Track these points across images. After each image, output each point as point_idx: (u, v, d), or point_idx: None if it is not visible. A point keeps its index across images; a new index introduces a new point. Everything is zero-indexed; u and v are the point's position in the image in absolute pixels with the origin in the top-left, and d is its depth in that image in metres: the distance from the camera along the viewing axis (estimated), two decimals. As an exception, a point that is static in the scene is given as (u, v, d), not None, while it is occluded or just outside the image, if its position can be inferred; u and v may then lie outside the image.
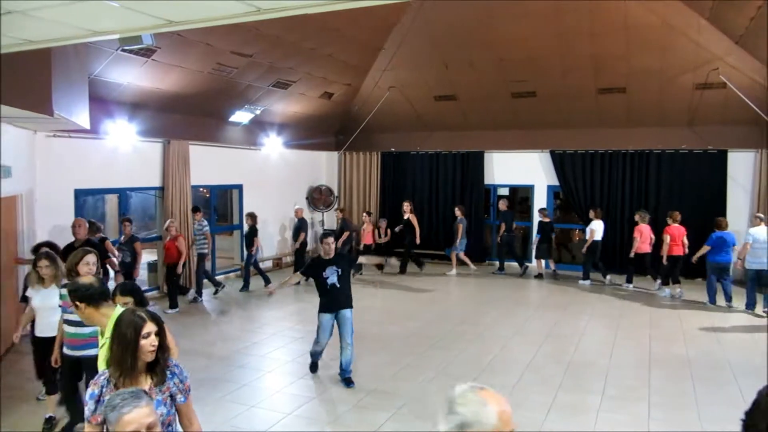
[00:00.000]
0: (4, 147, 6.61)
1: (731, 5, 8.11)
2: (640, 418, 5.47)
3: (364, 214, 13.24)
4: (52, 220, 8.49)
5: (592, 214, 11.85)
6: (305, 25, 9.33)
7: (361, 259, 8.06)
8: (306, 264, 6.76)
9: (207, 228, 10.45)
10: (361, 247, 12.88)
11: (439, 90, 12.61)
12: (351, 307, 6.36)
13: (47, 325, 5.14)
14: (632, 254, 11.02)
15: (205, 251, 10.39)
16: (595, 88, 11.36)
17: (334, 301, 6.25)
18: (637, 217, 11.15)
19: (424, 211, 14.35)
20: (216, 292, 10.65)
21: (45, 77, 5.79)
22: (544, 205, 13.18)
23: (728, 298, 9.73)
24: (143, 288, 9.56)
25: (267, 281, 10.86)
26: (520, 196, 15.69)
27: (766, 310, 9.24)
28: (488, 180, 14.07)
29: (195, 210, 10.53)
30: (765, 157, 11.35)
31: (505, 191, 14.78)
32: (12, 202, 7.52)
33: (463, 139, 13.99)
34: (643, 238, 10.95)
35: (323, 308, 6.29)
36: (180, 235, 9.73)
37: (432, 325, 8.73)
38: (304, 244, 12.23)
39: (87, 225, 7.65)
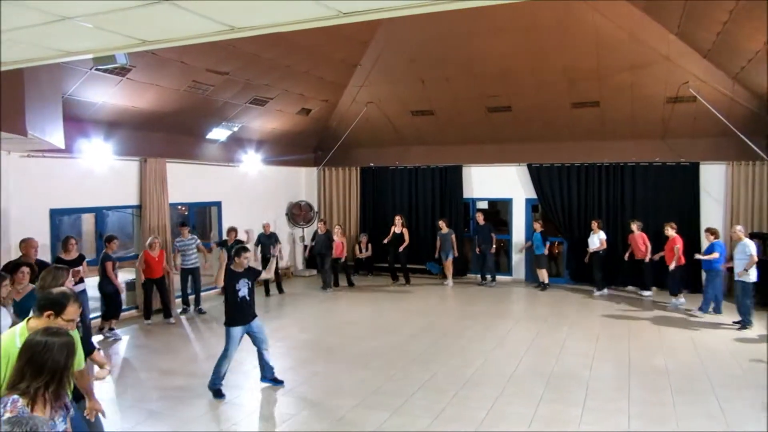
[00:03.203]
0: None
1: (698, 21, 8.31)
2: (621, 430, 5.50)
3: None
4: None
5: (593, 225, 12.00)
6: (281, 42, 9.35)
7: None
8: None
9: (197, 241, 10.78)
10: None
11: (416, 105, 12.70)
12: (256, 315, 6.63)
13: None
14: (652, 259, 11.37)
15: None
16: (568, 102, 11.52)
17: (245, 313, 6.47)
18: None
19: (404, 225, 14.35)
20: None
21: (17, 98, 5.72)
22: (522, 218, 13.35)
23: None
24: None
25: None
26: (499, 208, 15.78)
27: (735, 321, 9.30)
28: (467, 194, 14.15)
29: (182, 224, 10.82)
30: (735, 169, 11.58)
31: (484, 205, 14.86)
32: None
33: (441, 153, 14.09)
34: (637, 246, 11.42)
35: (234, 321, 6.43)
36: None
37: (414, 339, 8.72)
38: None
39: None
